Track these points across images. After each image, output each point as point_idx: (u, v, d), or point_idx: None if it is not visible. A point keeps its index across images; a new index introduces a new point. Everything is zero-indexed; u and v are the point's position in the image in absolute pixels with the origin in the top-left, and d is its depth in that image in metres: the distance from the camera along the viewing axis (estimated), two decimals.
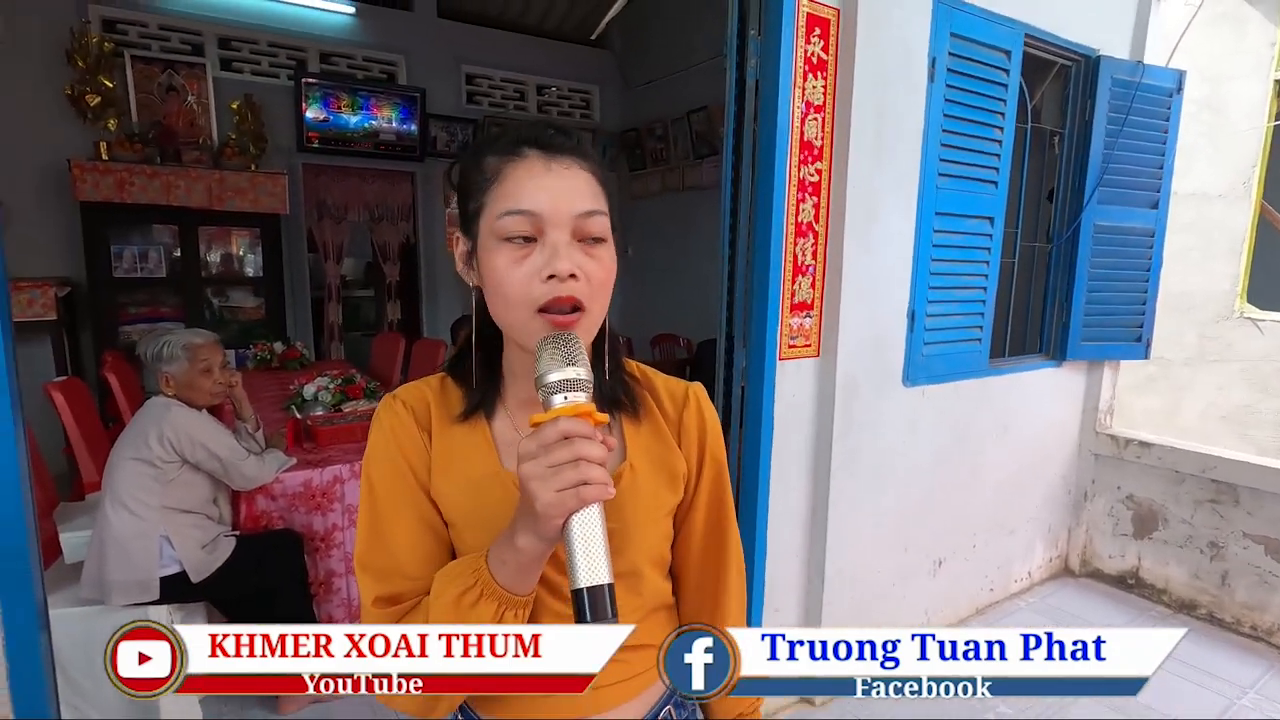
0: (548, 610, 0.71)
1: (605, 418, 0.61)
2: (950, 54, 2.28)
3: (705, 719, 0.87)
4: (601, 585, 0.57)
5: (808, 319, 2.13)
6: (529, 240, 0.65)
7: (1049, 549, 3.23)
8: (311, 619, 2.28)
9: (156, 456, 2.00)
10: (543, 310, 0.65)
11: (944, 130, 2.32)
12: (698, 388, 0.84)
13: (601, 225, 0.67)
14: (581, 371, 0.60)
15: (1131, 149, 2.88)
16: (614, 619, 0.57)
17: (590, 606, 0.57)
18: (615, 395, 0.77)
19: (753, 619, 2.19)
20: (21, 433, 1.28)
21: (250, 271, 4.93)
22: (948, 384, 2.56)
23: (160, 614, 2.02)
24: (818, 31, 1.97)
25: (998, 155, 2.51)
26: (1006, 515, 2.96)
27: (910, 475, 2.51)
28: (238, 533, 2.22)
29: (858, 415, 2.25)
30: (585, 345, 0.63)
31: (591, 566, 0.57)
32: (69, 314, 4.19)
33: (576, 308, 0.65)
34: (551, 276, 0.64)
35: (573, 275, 0.65)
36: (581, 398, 0.60)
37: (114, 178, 4.13)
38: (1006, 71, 2.46)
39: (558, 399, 0.59)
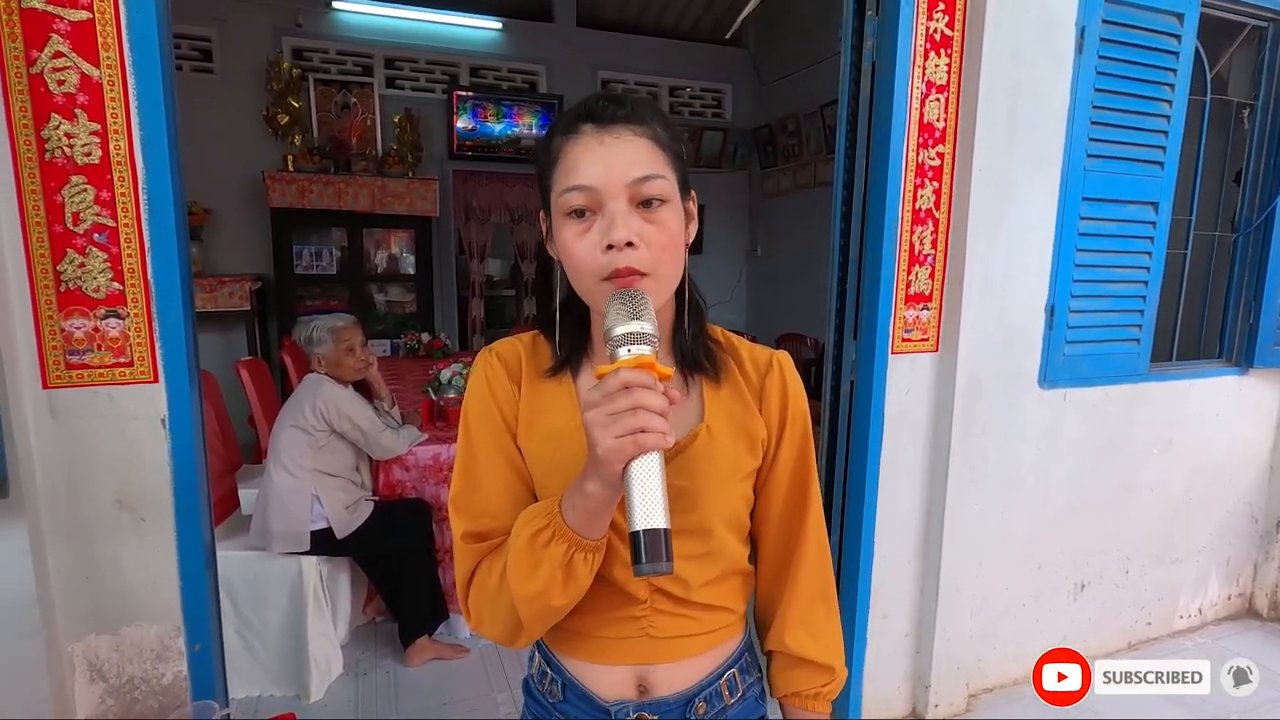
0: (618, 557, 0.72)
1: (669, 371, 0.62)
2: (1104, 21, 2.05)
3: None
4: (657, 529, 0.57)
5: (925, 311, 2.01)
6: (589, 213, 0.68)
7: (1227, 585, 2.80)
8: (436, 582, 2.48)
9: (310, 425, 2.27)
10: (606, 280, 0.67)
11: (1094, 106, 2.10)
12: (783, 355, 0.83)
13: (659, 188, 0.67)
14: (646, 326, 0.61)
15: None
16: (668, 563, 0.57)
17: (646, 548, 0.57)
18: (695, 357, 0.78)
19: (858, 624, 2.10)
20: (198, 410, 1.51)
21: (406, 270, 5.42)
22: (1095, 388, 2.30)
23: (310, 563, 2.29)
24: (941, 6, 1.86)
25: (1164, 133, 2.23)
26: (1169, 541, 2.61)
27: (1047, 485, 2.29)
28: (376, 498, 2.47)
29: (982, 416, 2.09)
30: (654, 306, 0.65)
31: (648, 511, 0.58)
32: (260, 305, 4.84)
33: (637, 274, 0.66)
34: (610, 246, 0.65)
35: (630, 244, 0.65)
36: (645, 350, 0.61)
37: (297, 186, 4.73)
38: (1177, 37, 2.17)
39: (622, 351, 0.61)
